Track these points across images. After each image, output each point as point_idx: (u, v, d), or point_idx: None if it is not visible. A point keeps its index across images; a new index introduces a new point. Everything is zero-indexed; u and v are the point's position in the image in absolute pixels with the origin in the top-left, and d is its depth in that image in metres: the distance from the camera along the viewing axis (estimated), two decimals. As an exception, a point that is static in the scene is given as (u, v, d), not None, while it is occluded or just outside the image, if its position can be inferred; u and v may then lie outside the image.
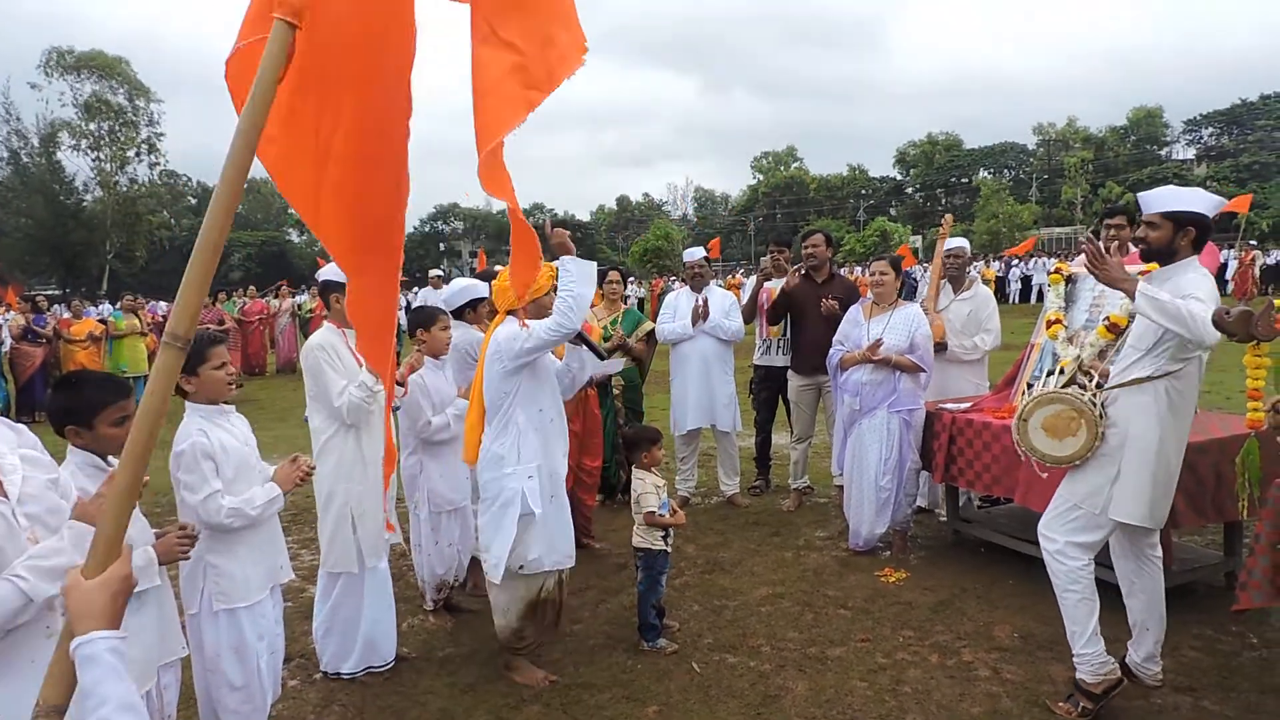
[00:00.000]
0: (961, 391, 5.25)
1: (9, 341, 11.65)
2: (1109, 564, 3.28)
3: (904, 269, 5.56)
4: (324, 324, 3.69)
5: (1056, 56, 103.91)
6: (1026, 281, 26.90)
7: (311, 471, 2.88)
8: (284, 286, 19.00)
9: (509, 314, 3.49)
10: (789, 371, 5.90)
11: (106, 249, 39.92)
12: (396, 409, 3.83)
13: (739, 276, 26.05)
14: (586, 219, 72.24)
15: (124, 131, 39.73)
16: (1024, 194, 54.72)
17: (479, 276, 5.37)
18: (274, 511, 2.80)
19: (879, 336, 4.76)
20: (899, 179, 66.01)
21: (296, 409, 3.41)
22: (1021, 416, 3.21)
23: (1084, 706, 3.04)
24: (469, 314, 4.53)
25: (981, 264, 29.48)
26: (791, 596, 4.29)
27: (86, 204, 40.58)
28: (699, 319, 5.78)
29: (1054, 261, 4.48)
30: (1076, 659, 3.09)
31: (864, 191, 65.64)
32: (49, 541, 1.73)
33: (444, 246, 66.52)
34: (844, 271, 18.11)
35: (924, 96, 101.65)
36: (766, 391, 6.15)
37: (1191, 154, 57.10)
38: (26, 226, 38.85)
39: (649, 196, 79.22)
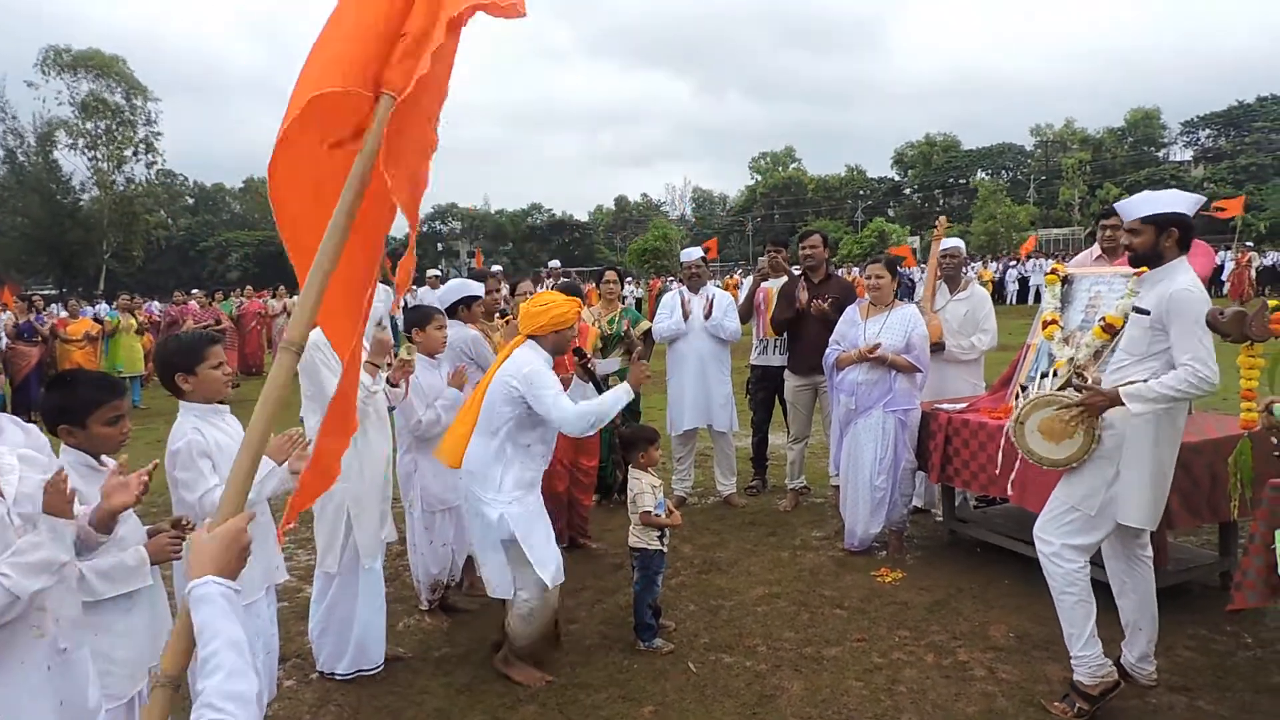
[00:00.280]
0: (959, 391, 5.25)
1: (5, 341, 11.62)
2: (1100, 564, 3.28)
3: (904, 269, 5.58)
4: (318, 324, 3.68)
5: (1054, 57, 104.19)
6: (1024, 282, 26.93)
7: (306, 442, 2.77)
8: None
9: (531, 338, 3.51)
10: (786, 372, 5.90)
11: (103, 248, 39.82)
12: (392, 409, 3.83)
13: (737, 277, 26.09)
14: (584, 219, 72.28)
15: (121, 131, 39.62)
16: (1021, 195, 54.81)
17: (473, 275, 5.39)
18: (274, 488, 2.66)
19: (876, 337, 4.76)
20: (897, 180, 66.10)
21: (293, 408, 3.39)
22: (1018, 419, 3.22)
23: (1080, 708, 3.04)
24: (462, 311, 4.54)
25: (979, 265, 29.55)
26: (788, 596, 4.29)
27: (83, 203, 40.50)
28: (689, 312, 5.79)
29: (1051, 262, 4.48)
30: (1074, 661, 3.09)
31: (862, 192, 65.68)
32: (28, 537, 1.72)
33: (442, 246, 66.48)
34: (841, 272, 18.14)
35: (922, 97, 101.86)
36: (763, 392, 6.15)
37: (1189, 155, 57.23)
38: (23, 226, 38.76)
39: (647, 197, 79.27)
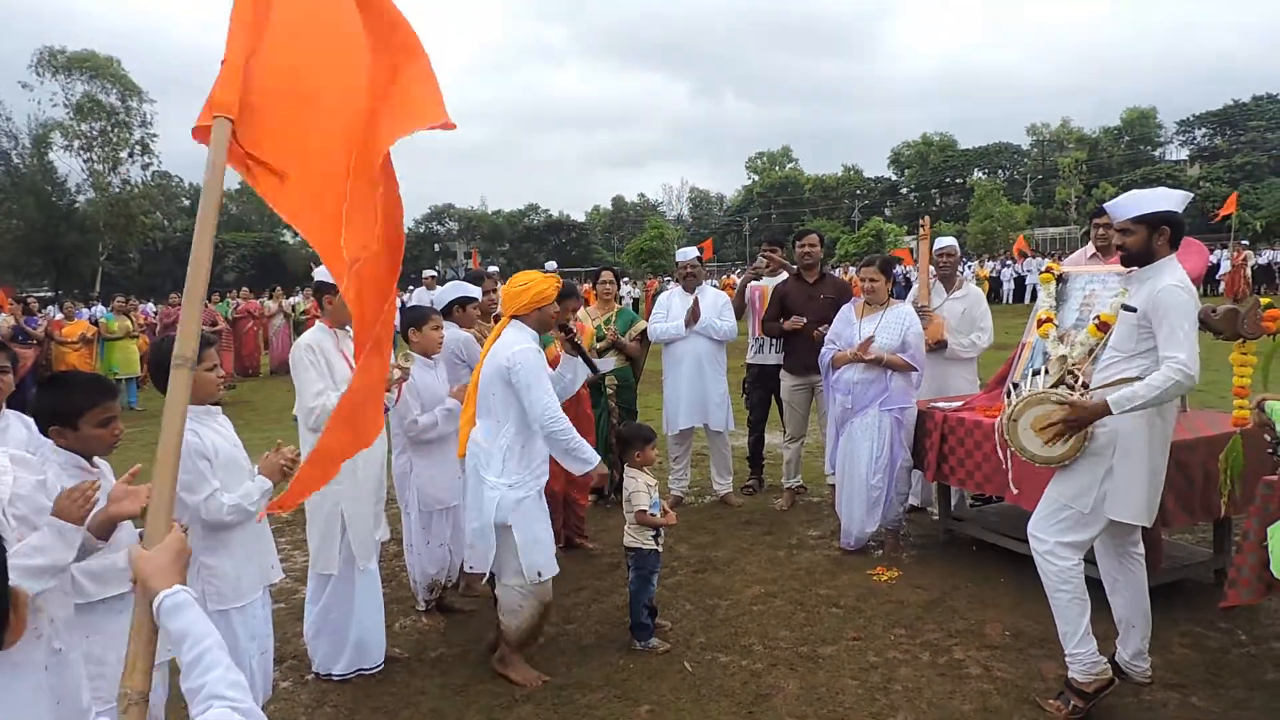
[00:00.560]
0: (959, 390, 5.26)
1: None
2: (1093, 561, 3.29)
3: (905, 268, 5.58)
4: (316, 324, 3.69)
5: (1050, 57, 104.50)
6: (1020, 281, 26.97)
7: (296, 458, 2.85)
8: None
9: (514, 318, 3.51)
10: (782, 371, 5.91)
11: (99, 250, 39.68)
12: (386, 410, 3.82)
13: (734, 277, 26.08)
14: (582, 219, 72.26)
15: (116, 132, 39.43)
16: (1018, 194, 54.90)
17: (469, 276, 5.38)
18: (267, 504, 2.76)
19: (870, 335, 4.77)
20: (894, 179, 66.18)
21: (290, 410, 3.44)
22: (1010, 417, 3.22)
23: (1075, 705, 3.05)
24: (456, 312, 4.54)
25: (975, 264, 29.59)
26: (784, 595, 4.29)
27: (79, 205, 40.34)
28: (695, 319, 5.78)
29: (1046, 261, 4.49)
30: (1069, 659, 3.10)
31: (859, 192, 65.76)
32: (30, 539, 1.72)
33: (439, 247, 66.43)
34: (838, 272, 18.19)
35: (918, 97, 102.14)
36: (759, 391, 6.15)
37: (1185, 155, 57.37)
38: (18, 228, 38.60)
39: (644, 197, 79.33)
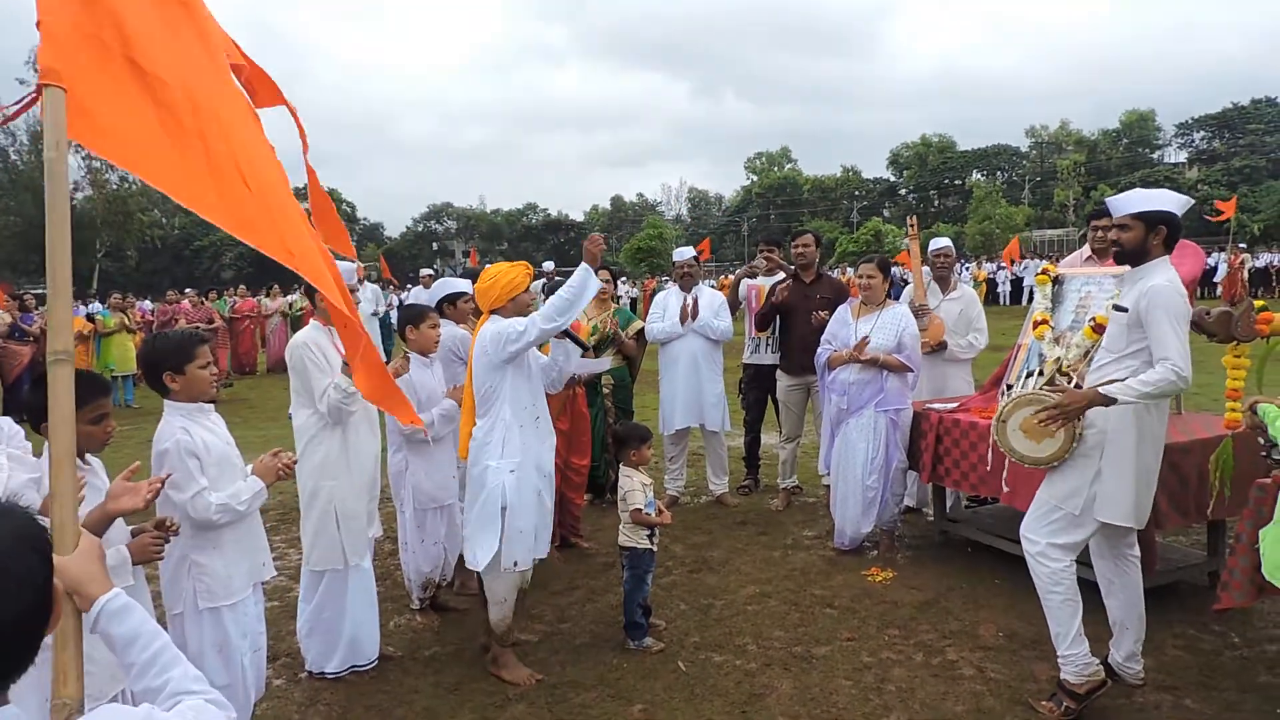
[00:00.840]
0: (958, 391, 5.27)
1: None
2: (1088, 563, 3.29)
3: (904, 269, 5.59)
4: (311, 321, 3.69)
5: (1050, 59, 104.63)
6: (1017, 283, 26.98)
7: (293, 466, 2.87)
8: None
9: (493, 313, 3.53)
10: (778, 371, 5.91)
11: (97, 248, 39.63)
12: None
13: (731, 277, 26.09)
14: (580, 219, 72.25)
15: (115, 129, 39.37)
16: (1017, 196, 54.95)
17: (466, 274, 5.39)
18: (258, 505, 2.78)
19: (866, 335, 4.77)
20: (892, 180, 66.20)
21: (286, 409, 3.45)
22: (1000, 418, 3.22)
23: (1068, 706, 3.05)
24: (447, 309, 4.52)
25: (974, 265, 29.60)
26: (778, 595, 4.29)
27: (76, 203, 40.26)
28: (687, 318, 5.78)
29: (1043, 263, 4.49)
30: (1061, 660, 3.10)
31: (858, 193, 65.79)
32: None
33: (436, 246, 66.40)
34: (836, 273, 18.19)
35: (917, 98, 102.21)
36: (756, 391, 6.15)
37: (1183, 157, 57.43)
38: (15, 225, 38.53)
39: (643, 197, 79.40)
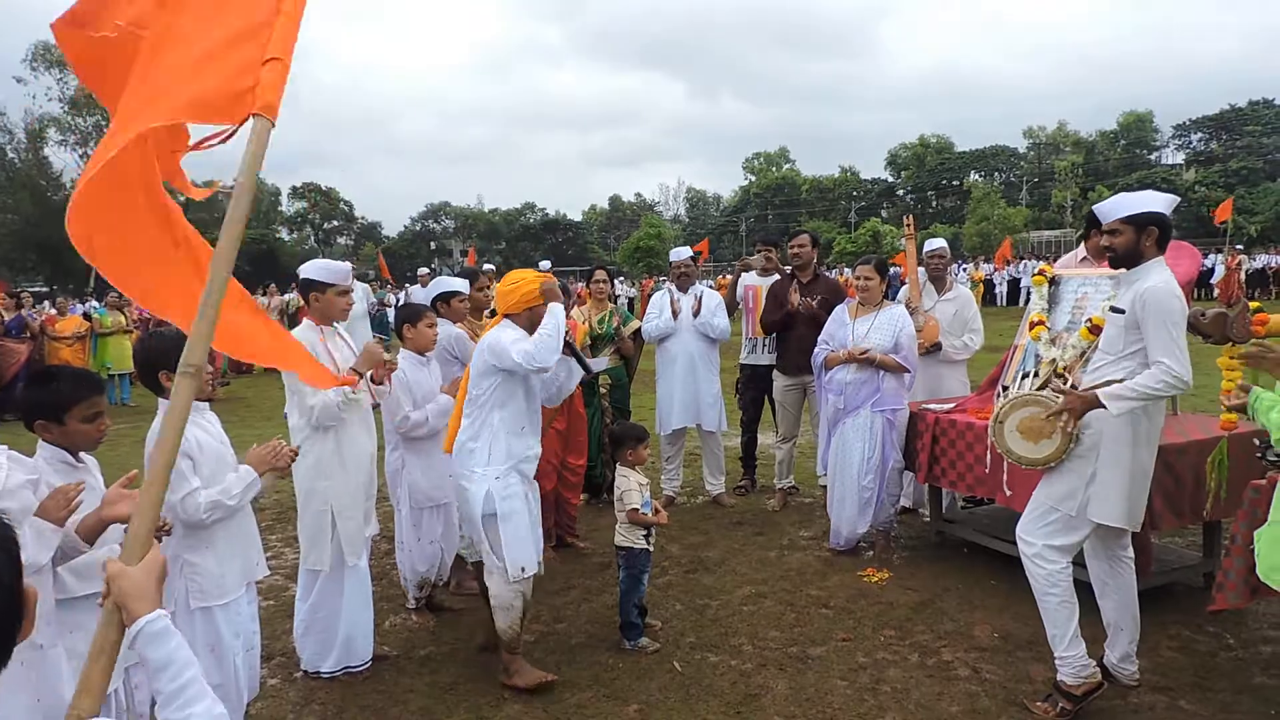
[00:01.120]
0: (953, 391, 5.28)
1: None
2: (1083, 564, 3.29)
3: (896, 269, 5.60)
4: (304, 321, 3.68)
5: (1048, 60, 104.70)
6: (1014, 284, 27.01)
7: (294, 456, 2.84)
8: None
9: (506, 316, 3.50)
10: (774, 371, 5.91)
11: (94, 246, 39.59)
12: (376, 406, 3.82)
13: (729, 277, 26.11)
14: (578, 219, 72.23)
15: (112, 127, 39.37)
16: (1015, 197, 54.99)
17: (463, 273, 5.38)
18: (251, 497, 2.74)
19: (864, 337, 4.77)
20: (890, 181, 66.21)
21: (283, 407, 3.44)
22: (997, 419, 3.22)
23: (1063, 707, 3.05)
24: (441, 307, 4.50)
25: (971, 266, 29.63)
26: (774, 596, 4.29)
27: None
28: (678, 311, 5.78)
29: (1040, 264, 4.50)
30: (1058, 661, 3.10)
31: (855, 193, 65.79)
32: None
33: (434, 245, 66.37)
34: (834, 273, 18.21)
35: (915, 99, 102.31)
36: (752, 391, 6.15)
37: (1181, 159, 57.44)
38: (12, 223, 38.46)
39: (641, 196, 79.39)
